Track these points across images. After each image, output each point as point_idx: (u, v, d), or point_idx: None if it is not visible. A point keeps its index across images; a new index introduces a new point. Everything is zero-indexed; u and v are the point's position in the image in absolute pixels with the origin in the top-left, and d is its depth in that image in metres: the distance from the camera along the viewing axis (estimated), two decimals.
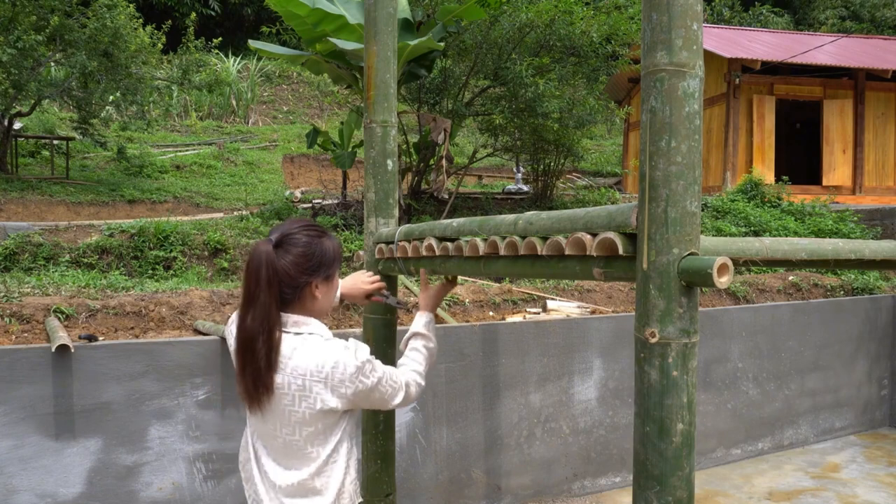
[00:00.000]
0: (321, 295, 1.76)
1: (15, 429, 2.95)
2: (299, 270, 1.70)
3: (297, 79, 19.06)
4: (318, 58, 7.23)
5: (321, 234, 1.76)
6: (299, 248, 1.71)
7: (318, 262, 1.72)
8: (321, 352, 1.67)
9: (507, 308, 4.92)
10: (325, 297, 1.78)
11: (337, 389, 1.67)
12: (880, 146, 12.70)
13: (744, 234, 7.56)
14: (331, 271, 1.77)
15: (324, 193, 10.29)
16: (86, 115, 10.18)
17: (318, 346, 1.68)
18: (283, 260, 1.69)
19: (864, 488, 4.63)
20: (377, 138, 2.61)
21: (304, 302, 1.75)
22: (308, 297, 1.74)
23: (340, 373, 1.67)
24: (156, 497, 3.20)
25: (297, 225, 1.75)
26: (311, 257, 1.71)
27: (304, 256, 1.71)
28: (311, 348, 1.68)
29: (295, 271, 1.70)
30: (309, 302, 1.75)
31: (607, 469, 4.56)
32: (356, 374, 1.69)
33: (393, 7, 2.56)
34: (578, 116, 8.03)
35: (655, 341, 1.36)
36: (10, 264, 5.20)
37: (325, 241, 1.76)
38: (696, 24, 1.37)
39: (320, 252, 1.74)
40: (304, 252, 1.71)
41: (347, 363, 1.67)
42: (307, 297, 1.74)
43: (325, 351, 1.68)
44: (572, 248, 1.64)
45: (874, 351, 5.90)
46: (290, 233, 1.73)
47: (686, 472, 1.38)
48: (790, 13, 24.66)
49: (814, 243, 1.65)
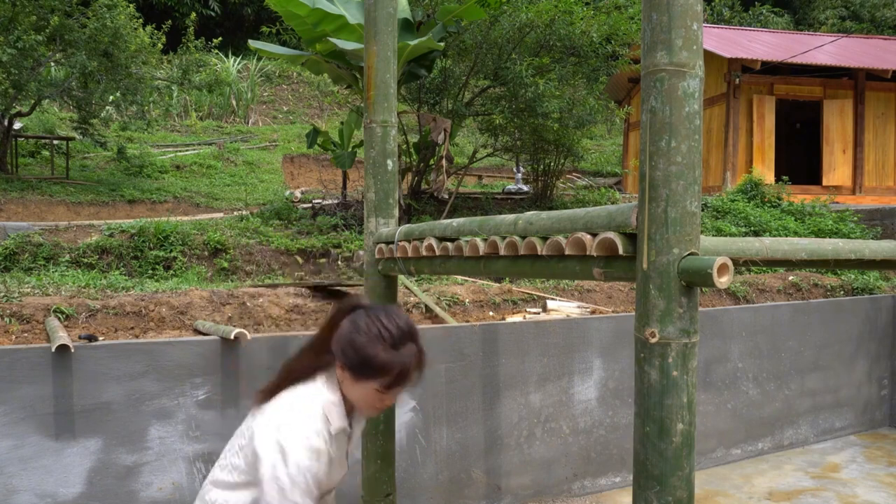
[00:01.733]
0: (343, 379, 1.67)
1: (15, 429, 2.95)
2: (338, 344, 1.65)
3: (297, 79, 19.06)
4: (318, 58, 7.23)
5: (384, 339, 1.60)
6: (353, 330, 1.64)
7: (350, 353, 1.62)
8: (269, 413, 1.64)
9: (507, 308, 4.92)
10: (347, 388, 1.68)
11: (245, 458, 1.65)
12: (880, 146, 12.70)
13: (744, 234, 7.56)
14: (357, 369, 1.62)
15: (324, 193, 10.29)
16: (86, 115, 10.18)
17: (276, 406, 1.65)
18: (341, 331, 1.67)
19: (865, 488, 4.63)
20: (377, 138, 2.61)
21: (326, 372, 1.71)
22: (333, 373, 1.70)
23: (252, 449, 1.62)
24: (156, 497, 3.20)
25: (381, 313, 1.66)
26: (347, 344, 1.63)
27: (347, 341, 1.63)
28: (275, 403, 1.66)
29: (338, 339, 1.66)
30: (329, 377, 1.70)
31: (607, 469, 4.56)
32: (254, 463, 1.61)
33: (393, 7, 2.56)
34: (578, 116, 8.04)
35: (655, 341, 1.36)
36: (10, 264, 5.20)
37: (378, 344, 1.60)
38: (696, 24, 1.37)
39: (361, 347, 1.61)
40: (351, 339, 1.63)
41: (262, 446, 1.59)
42: (332, 372, 1.70)
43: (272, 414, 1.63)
44: (572, 248, 1.64)
45: (874, 351, 5.90)
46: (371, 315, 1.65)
47: (686, 472, 1.38)
48: (790, 13, 24.66)
49: (814, 243, 1.65)
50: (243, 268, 5.93)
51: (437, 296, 4.77)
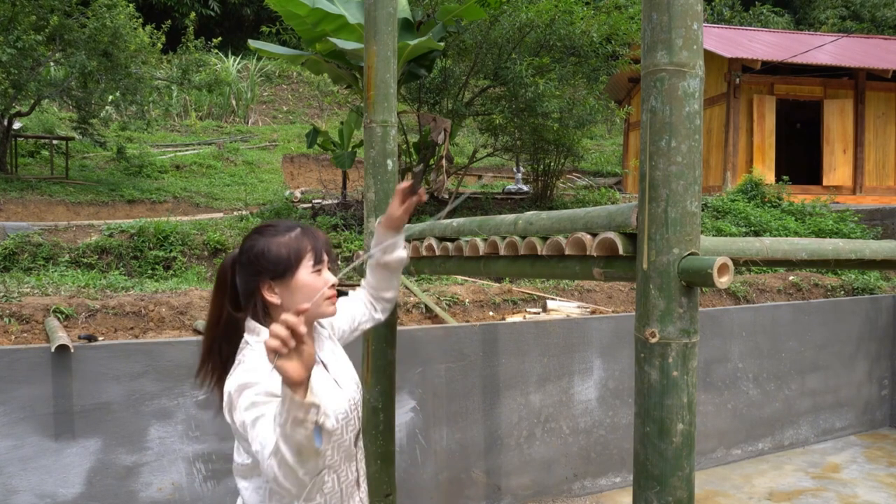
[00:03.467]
0: (279, 298, 1.58)
1: (15, 429, 2.94)
2: (245, 277, 1.61)
3: (297, 79, 19.06)
4: (318, 58, 7.22)
5: (276, 233, 1.61)
6: (243, 255, 1.62)
7: (260, 264, 1.58)
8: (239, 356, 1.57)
9: (507, 308, 4.92)
10: (289, 300, 1.57)
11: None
12: (881, 146, 12.70)
13: (744, 234, 7.56)
14: (280, 271, 1.57)
15: (324, 193, 10.28)
16: (85, 114, 10.18)
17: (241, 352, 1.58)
18: (237, 270, 1.64)
19: (865, 488, 4.63)
20: (377, 138, 2.61)
21: (266, 309, 1.61)
22: (267, 304, 1.60)
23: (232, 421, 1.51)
24: (155, 497, 3.20)
25: (255, 228, 1.67)
26: (250, 261, 1.60)
27: (246, 261, 1.61)
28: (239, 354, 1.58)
29: (241, 280, 1.62)
30: (271, 308, 1.60)
31: (607, 469, 4.56)
32: (227, 404, 1.50)
33: (393, 7, 2.56)
34: (578, 116, 8.03)
35: (655, 341, 1.36)
36: (9, 264, 5.20)
37: (276, 238, 1.60)
38: (697, 24, 1.36)
39: (260, 251, 1.58)
40: (245, 257, 1.61)
41: (229, 387, 1.50)
42: (267, 304, 1.60)
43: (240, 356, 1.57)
44: (572, 248, 1.64)
45: (874, 351, 5.89)
46: (244, 238, 1.66)
47: (686, 472, 1.38)
48: (790, 13, 24.66)
49: (814, 243, 1.65)
50: None
51: (437, 296, 4.77)
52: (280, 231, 1.62)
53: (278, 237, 1.60)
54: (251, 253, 1.60)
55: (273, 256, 1.58)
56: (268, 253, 1.58)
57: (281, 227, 1.64)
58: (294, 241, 1.60)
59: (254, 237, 1.63)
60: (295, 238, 1.61)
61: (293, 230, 1.63)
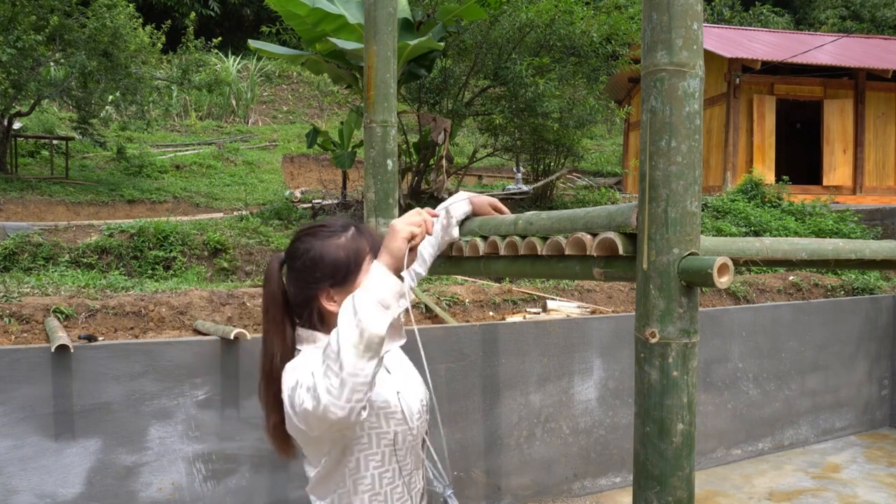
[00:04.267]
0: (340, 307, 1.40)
1: (15, 429, 2.94)
2: (300, 283, 1.45)
3: (297, 79, 19.06)
4: (318, 58, 7.23)
5: (331, 235, 1.47)
6: (296, 261, 1.46)
7: (320, 271, 1.43)
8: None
9: (507, 308, 4.92)
10: None
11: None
12: (881, 146, 12.70)
13: (744, 234, 7.56)
14: (341, 277, 1.43)
15: (324, 193, 10.28)
16: (85, 114, 10.18)
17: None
18: (287, 277, 1.48)
19: (865, 488, 4.63)
20: (377, 138, 2.60)
21: (322, 318, 1.46)
22: (325, 313, 1.45)
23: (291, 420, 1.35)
24: (155, 497, 3.20)
25: (305, 229, 1.50)
26: (307, 267, 1.44)
27: (301, 268, 1.45)
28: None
29: (295, 288, 1.46)
30: (330, 318, 1.43)
31: (607, 469, 4.56)
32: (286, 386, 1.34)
33: (393, 7, 2.56)
34: (578, 116, 8.04)
35: (655, 341, 1.36)
36: (9, 264, 5.20)
37: (332, 240, 1.45)
38: (697, 24, 1.36)
39: (319, 257, 1.44)
40: (300, 263, 1.45)
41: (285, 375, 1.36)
42: (325, 313, 1.45)
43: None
44: (572, 248, 1.64)
45: (874, 351, 5.89)
46: (293, 240, 1.50)
47: (686, 472, 1.38)
48: (790, 13, 24.66)
49: (814, 243, 1.65)
50: (243, 268, 5.93)
51: (437, 296, 4.77)
52: (335, 232, 1.47)
53: (334, 239, 1.46)
54: (306, 258, 1.44)
55: (332, 261, 1.43)
56: (327, 257, 1.43)
57: (335, 226, 1.49)
58: (352, 242, 1.46)
59: (306, 240, 1.47)
60: (352, 238, 1.47)
61: (348, 230, 1.48)
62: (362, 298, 1.22)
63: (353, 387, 1.18)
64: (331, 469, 1.40)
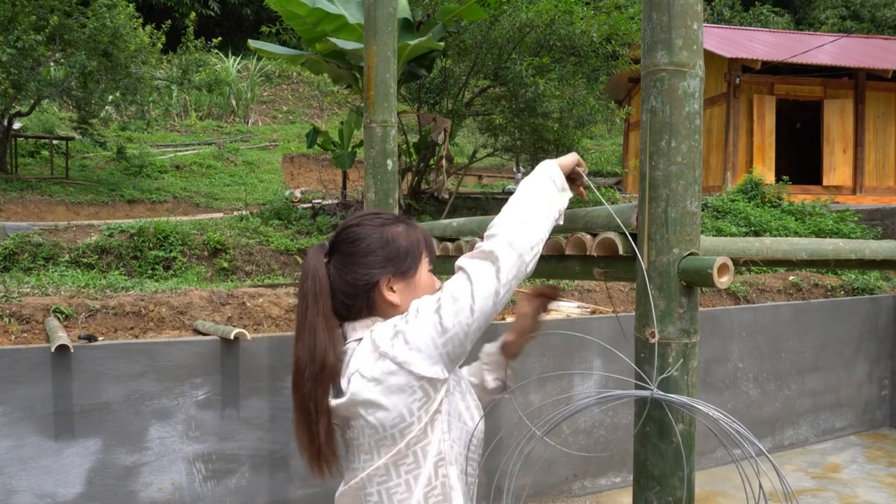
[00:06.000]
0: (401, 298, 1.34)
1: (14, 429, 2.94)
2: (358, 270, 1.33)
3: (297, 79, 19.06)
4: (317, 58, 7.23)
5: (387, 223, 1.38)
6: (354, 245, 1.34)
7: (383, 255, 1.34)
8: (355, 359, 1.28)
9: (507, 308, 4.92)
10: (408, 301, 1.33)
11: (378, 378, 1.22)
12: (881, 146, 12.70)
13: (744, 234, 7.56)
14: (405, 266, 1.35)
15: (324, 193, 10.28)
16: (85, 114, 10.19)
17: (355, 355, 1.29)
18: (337, 264, 1.35)
19: (865, 489, 4.63)
20: (377, 138, 2.60)
21: (379, 310, 1.35)
22: (381, 304, 1.35)
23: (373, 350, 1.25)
24: (155, 497, 3.20)
25: (356, 217, 1.40)
26: (369, 251, 1.34)
27: (362, 252, 1.34)
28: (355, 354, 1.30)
29: (351, 275, 1.33)
30: (386, 309, 1.35)
31: (607, 469, 4.56)
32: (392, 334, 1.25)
33: (393, 7, 2.56)
34: (578, 116, 8.04)
35: (655, 341, 1.36)
36: (9, 264, 5.20)
37: (391, 228, 1.37)
38: (697, 24, 1.36)
39: (382, 241, 1.34)
40: (361, 247, 1.34)
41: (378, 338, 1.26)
42: (380, 304, 1.34)
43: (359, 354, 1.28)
44: (572, 247, 1.64)
45: (874, 351, 5.89)
46: (346, 226, 1.38)
47: (686, 473, 1.38)
48: (790, 13, 24.66)
49: (814, 243, 1.65)
50: (243, 268, 5.93)
51: None
52: (391, 220, 1.39)
53: (393, 227, 1.37)
54: (368, 242, 1.34)
55: (396, 247, 1.35)
56: (392, 243, 1.35)
57: (389, 216, 1.40)
58: (410, 232, 1.39)
59: (364, 227, 1.36)
60: (410, 229, 1.39)
61: (401, 222, 1.40)
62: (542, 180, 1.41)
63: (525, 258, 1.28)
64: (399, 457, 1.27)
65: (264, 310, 4.20)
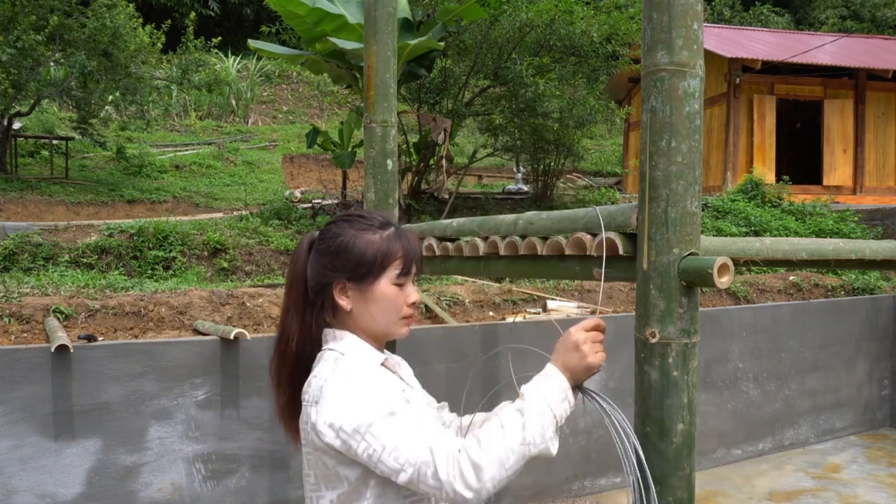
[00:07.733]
0: (351, 304, 1.38)
1: (14, 429, 2.94)
2: (318, 267, 1.39)
3: (296, 79, 19.06)
4: (317, 57, 7.23)
5: (365, 228, 1.40)
6: (324, 243, 1.40)
7: (342, 259, 1.36)
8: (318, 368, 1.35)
9: (507, 308, 4.92)
10: (361, 309, 1.38)
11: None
12: (881, 146, 12.69)
13: (744, 234, 7.56)
14: (360, 274, 1.36)
15: (324, 193, 10.28)
16: (85, 114, 10.19)
17: (320, 364, 1.35)
18: (311, 257, 1.41)
19: (865, 489, 4.63)
20: (377, 138, 2.60)
21: (334, 311, 1.40)
22: (335, 306, 1.39)
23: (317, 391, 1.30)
24: (155, 497, 3.20)
25: (346, 214, 1.45)
26: (330, 252, 1.38)
27: (325, 252, 1.39)
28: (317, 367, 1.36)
29: (314, 270, 1.39)
30: (340, 312, 1.40)
31: (607, 469, 4.56)
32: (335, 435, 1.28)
33: (393, 7, 2.56)
34: (578, 116, 8.04)
35: (655, 341, 1.36)
36: (9, 264, 5.20)
37: (365, 234, 1.38)
38: (697, 24, 1.36)
39: (345, 246, 1.36)
40: (326, 247, 1.39)
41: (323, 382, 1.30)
42: (335, 306, 1.39)
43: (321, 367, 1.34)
44: (572, 248, 1.64)
45: (875, 351, 5.89)
46: (330, 222, 1.43)
47: (686, 473, 1.37)
48: (791, 13, 24.66)
49: (814, 243, 1.65)
50: (243, 268, 5.93)
51: (437, 296, 4.76)
52: (372, 226, 1.40)
53: (367, 233, 1.38)
54: (333, 244, 1.38)
55: (357, 254, 1.36)
56: (352, 248, 1.36)
57: (374, 220, 1.41)
58: (385, 242, 1.38)
59: (341, 225, 1.40)
60: (386, 239, 1.39)
61: (387, 228, 1.41)
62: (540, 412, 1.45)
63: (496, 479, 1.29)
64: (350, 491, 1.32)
65: (264, 310, 4.20)
